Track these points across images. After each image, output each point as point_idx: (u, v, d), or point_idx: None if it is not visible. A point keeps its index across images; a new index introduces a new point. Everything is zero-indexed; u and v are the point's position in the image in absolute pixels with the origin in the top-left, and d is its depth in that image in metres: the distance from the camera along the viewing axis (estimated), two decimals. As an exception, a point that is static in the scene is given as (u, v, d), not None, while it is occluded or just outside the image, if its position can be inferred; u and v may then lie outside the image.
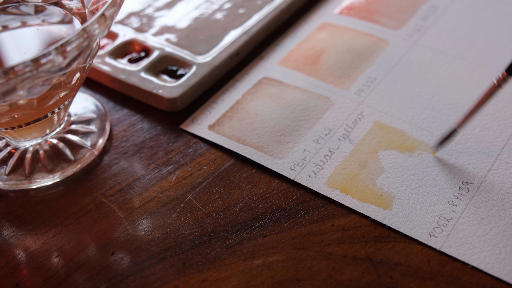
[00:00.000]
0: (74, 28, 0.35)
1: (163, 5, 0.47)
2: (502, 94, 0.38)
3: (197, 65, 0.41)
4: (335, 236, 0.32)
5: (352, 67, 0.41)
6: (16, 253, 0.32)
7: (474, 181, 0.34)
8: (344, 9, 0.47)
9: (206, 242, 0.32)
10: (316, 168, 0.35)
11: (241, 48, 0.43)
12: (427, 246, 0.31)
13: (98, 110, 0.40)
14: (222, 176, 0.35)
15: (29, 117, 0.33)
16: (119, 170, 0.36)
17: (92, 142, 0.37)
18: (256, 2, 0.46)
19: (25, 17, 0.36)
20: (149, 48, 0.43)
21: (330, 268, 0.30)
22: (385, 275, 0.30)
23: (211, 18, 0.45)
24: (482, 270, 0.30)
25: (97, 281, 0.31)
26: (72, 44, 0.28)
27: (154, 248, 0.32)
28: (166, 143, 0.38)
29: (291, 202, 0.34)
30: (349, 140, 0.37)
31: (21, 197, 0.35)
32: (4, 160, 0.37)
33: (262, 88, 0.40)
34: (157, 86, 0.40)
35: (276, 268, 0.31)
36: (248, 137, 0.37)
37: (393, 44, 0.43)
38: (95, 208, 0.34)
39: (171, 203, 0.34)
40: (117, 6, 0.30)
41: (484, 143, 0.36)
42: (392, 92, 0.39)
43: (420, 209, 0.32)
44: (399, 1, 0.47)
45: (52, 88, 0.30)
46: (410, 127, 0.37)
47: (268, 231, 0.32)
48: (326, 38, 0.44)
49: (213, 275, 0.31)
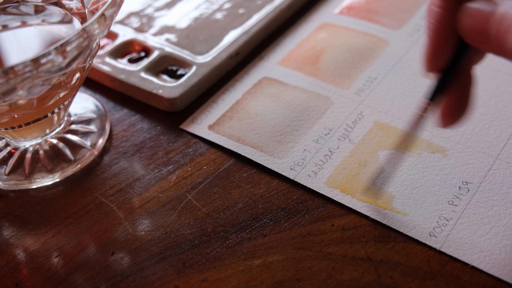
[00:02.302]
0: (74, 28, 0.35)
1: (163, 5, 0.47)
2: (502, 94, 0.38)
3: (197, 65, 0.41)
4: (335, 236, 0.32)
5: (352, 67, 0.41)
6: (16, 253, 0.32)
7: (474, 181, 0.34)
8: (344, 9, 0.47)
9: (206, 242, 0.32)
10: (316, 168, 0.35)
11: (241, 48, 0.43)
12: (427, 246, 0.31)
13: (98, 110, 0.40)
14: (222, 176, 0.35)
15: (29, 117, 0.33)
16: (119, 170, 0.36)
17: (92, 142, 0.37)
18: (256, 2, 0.46)
19: (25, 17, 0.36)
20: (149, 48, 0.43)
21: (330, 268, 0.30)
22: (385, 275, 0.30)
23: (211, 18, 0.45)
24: (482, 270, 0.30)
25: (97, 281, 0.31)
26: (72, 44, 0.28)
27: (154, 248, 0.32)
28: (166, 143, 0.38)
29: (291, 202, 0.34)
30: (349, 140, 0.37)
31: (21, 197, 0.35)
32: (4, 160, 0.37)
33: (262, 88, 0.40)
34: (157, 86, 0.40)
35: (276, 268, 0.31)
36: (248, 137, 0.37)
37: (393, 44, 0.43)
38: (95, 208, 0.34)
39: (171, 203, 0.34)
40: (117, 6, 0.30)
41: (484, 143, 0.36)
42: (392, 92, 0.39)
43: (420, 209, 0.32)
44: (399, 1, 0.47)
45: (52, 88, 0.30)
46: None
47: (268, 231, 0.32)
48: (326, 38, 0.44)
49: (213, 275, 0.31)
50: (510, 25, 0.24)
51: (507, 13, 0.24)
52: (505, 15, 0.24)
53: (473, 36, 0.26)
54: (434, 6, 0.27)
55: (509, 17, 0.24)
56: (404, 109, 0.38)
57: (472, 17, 0.26)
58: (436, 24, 0.27)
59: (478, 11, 0.25)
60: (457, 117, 0.30)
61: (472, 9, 0.26)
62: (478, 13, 0.25)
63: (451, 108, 0.29)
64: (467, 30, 0.26)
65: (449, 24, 0.27)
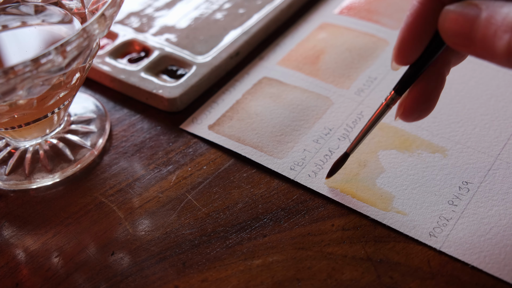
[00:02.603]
0: (74, 28, 0.35)
1: (163, 5, 0.47)
2: (502, 94, 0.38)
3: (197, 65, 0.41)
4: (335, 236, 0.32)
5: (352, 67, 0.41)
6: (16, 253, 0.32)
7: (474, 181, 0.34)
8: (344, 9, 0.47)
9: (206, 242, 0.32)
10: (316, 168, 0.35)
11: (241, 48, 0.43)
12: (427, 246, 0.31)
13: (98, 110, 0.40)
14: (222, 176, 0.35)
15: (29, 117, 0.33)
16: (119, 170, 0.36)
17: (92, 142, 0.37)
18: (256, 2, 0.46)
19: (25, 17, 0.36)
20: (149, 48, 0.43)
21: (330, 268, 0.30)
22: (385, 275, 0.30)
23: (211, 18, 0.45)
24: (482, 270, 0.30)
25: (97, 281, 0.31)
26: (72, 44, 0.28)
27: (154, 248, 0.32)
28: (166, 143, 0.38)
29: (291, 202, 0.34)
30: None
31: (21, 197, 0.35)
32: (4, 160, 0.37)
33: (262, 88, 0.40)
34: (157, 86, 0.40)
35: (276, 268, 0.31)
36: (248, 137, 0.37)
37: (393, 44, 0.43)
38: (95, 208, 0.34)
39: (171, 203, 0.34)
40: (117, 6, 0.30)
41: (484, 143, 0.36)
42: (392, 92, 0.39)
43: (420, 209, 0.32)
44: (399, 1, 0.47)
45: (52, 88, 0.30)
46: (410, 127, 0.37)
47: (268, 231, 0.32)
48: (326, 38, 0.44)
49: (213, 275, 0.31)
50: (497, 30, 0.24)
51: (492, 17, 0.24)
52: (491, 19, 0.24)
53: (455, 39, 0.26)
54: (415, 1, 0.27)
55: (495, 21, 0.24)
56: (404, 109, 0.38)
57: (455, 20, 0.25)
58: (411, 18, 0.28)
59: (461, 14, 0.25)
60: (417, 113, 0.30)
61: (455, 12, 0.26)
62: (461, 17, 0.25)
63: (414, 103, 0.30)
64: (449, 33, 0.26)
65: (426, 21, 0.27)
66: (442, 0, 0.27)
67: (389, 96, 0.31)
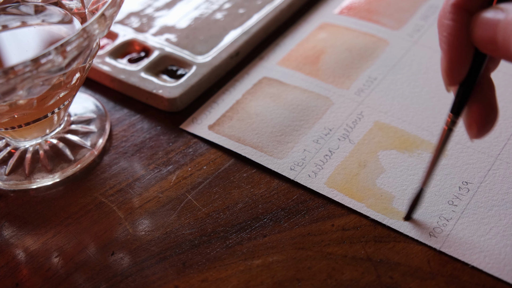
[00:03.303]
0: (74, 28, 0.35)
1: (163, 5, 0.47)
2: (501, 94, 0.38)
3: (197, 65, 0.41)
4: (335, 236, 0.32)
5: (352, 67, 0.41)
6: (16, 253, 0.32)
7: (474, 181, 0.34)
8: (344, 9, 0.47)
9: (206, 242, 0.32)
10: (316, 168, 0.35)
11: (241, 48, 0.43)
12: (427, 246, 0.31)
13: (98, 110, 0.40)
14: (222, 176, 0.35)
15: (29, 117, 0.33)
16: (119, 170, 0.36)
17: (92, 142, 0.37)
18: (256, 2, 0.46)
19: (25, 17, 0.36)
20: (149, 48, 0.43)
21: (330, 268, 0.30)
22: (385, 275, 0.30)
23: (211, 18, 0.45)
24: (482, 270, 0.30)
25: (97, 281, 0.31)
26: (72, 44, 0.28)
27: (154, 248, 0.32)
28: (166, 143, 0.38)
29: (291, 202, 0.34)
30: (349, 140, 0.37)
31: (21, 197, 0.35)
32: (4, 160, 0.37)
33: (262, 88, 0.40)
34: (157, 86, 0.40)
35: (276, 268, 0.31)
36: (248, 137, 0.37)
37: (393, 44, 0.43)
38: (95, 208, 0.34)
39: (171, 203, 0.34)
40: (117, 6, 0.30)
41: (484, 143, 0.36)
42: (392, 92, 0.39)
43: (420, 209, 0.32)
44: (399, 1, 0.47)
45: (52, 88, 0.30)
46: (410, 127, 0.37)
47: (268, 231, 0.32)
48: (326, 38, 0.44)
49: (213, 275, 0.31)
50: None
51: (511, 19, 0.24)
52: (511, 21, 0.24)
53: (485, 45, 0.26)
54: (446, 20, 0.27)
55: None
56: (404, 109, 0.38)
57: (482, 26, 0.26)
58: (450, 38, 0.27)
59: (487, 20, 0.25)
60: (490, 124, 0.29)
61: (482, 18, 0.26)
62: (487, 22, 0.25)
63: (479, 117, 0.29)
64: (479, 40, 0.26)
65: (463, 36, 0.27)
66: (470, 10, 0.27)
67: (449, 120, 0.30)
